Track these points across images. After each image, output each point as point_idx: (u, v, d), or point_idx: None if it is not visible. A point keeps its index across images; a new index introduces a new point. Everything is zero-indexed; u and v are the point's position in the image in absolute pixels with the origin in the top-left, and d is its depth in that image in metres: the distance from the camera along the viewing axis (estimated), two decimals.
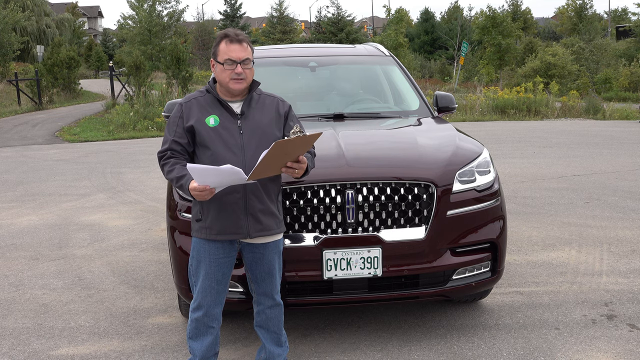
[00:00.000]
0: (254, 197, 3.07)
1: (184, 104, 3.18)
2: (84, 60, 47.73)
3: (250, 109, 3.16)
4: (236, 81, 3.08)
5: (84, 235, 6.58)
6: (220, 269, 3.16)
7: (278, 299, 3.31)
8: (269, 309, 3.30)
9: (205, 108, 3.14)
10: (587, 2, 52.70)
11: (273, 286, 3.27)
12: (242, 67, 3.07)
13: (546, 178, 9.24)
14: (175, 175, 3.04)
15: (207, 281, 3.16)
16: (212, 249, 3.13)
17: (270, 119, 3.17)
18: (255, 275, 3.24)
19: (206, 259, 3.14)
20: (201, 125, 3.09)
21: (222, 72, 3.09)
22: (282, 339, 3.40)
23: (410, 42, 46.73)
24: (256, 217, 3.09)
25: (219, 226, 3.08)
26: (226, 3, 50.49)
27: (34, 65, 33.69)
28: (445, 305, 4.45)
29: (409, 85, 5.32)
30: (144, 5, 41.68)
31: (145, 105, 19.30)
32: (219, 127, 3.09)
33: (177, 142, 3.12)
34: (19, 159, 12.61)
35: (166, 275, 5.20)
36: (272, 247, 3.21)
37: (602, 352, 3.72)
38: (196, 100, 3.18)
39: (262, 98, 3.23)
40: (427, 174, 3.65)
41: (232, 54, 3.07)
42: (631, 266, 5.24)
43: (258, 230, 3.11)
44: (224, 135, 3.08)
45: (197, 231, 3.16)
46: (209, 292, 3.17)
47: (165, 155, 3.14)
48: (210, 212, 3.09)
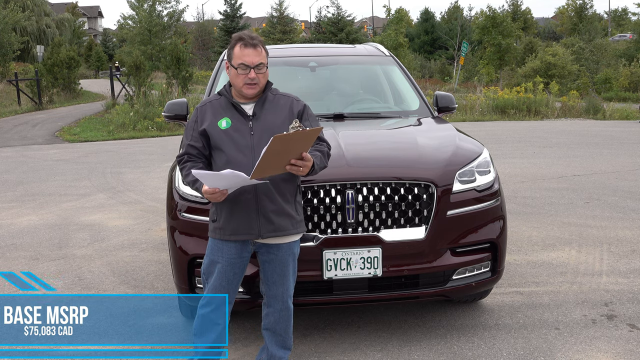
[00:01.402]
0: (265, 198, 3.07)
1: (199, 108, 3.21)
2: (84, 60, 47.70)
3: (263, 110, 3.16)
4: (249, 86, 3.09)
5: (84, 235, 6.58)
6: (232, 269, 3.17)
7: (289, 303, 3.29)
8: (278, 312, 3.28)
9: (219, 111, 3.16)
10: (587, 2, 52.73)
11: (285, 289, 3.24)
12: (256, 72, 3.07)
13: (546, 178, 9.24)
14: (191, 179, 3.09)
15: (218, 280, 3.18)
16: (226, 249, 3.15)
17: (284, 119, 3.15)
18: (267, 277, 3.23)
19: (219, 258, 3.16)
20: (214, 128, 3.11)
21: (236, 76, 3.10)
22: (288, 342, 3.37)
23: (410, 42, 46.73)
24: (268, 218, 3.09)
25: (232, 227, 3.10)
26: (226, 3, 50.42)
27: (34, 65, 33.68)
28: (445, 305, 4.45)
29: (409, 85, 5.31)
30: (144, 5, 41.67)
31: (145, 105, 19.29)
32: (231, 129, 3.11)
33: (192, 146, 3.16)
34: (19, 159, 12.61)
35: (166, 275, 5.20)
36: (286, 249, 3.19)
37: (602, 352, 3.72)
38: (210, 104, 3.20)
39: (277, 98, 3.22)
40: (427, 174, 3.65)
41: (246, 58, 3.06)
42: (631, 266, 5.24)
43: (270, 231, 3.10)
44: (235, 137, 3.09)
45: (212, 232, 3.19)
46: (219, 291, 3.18)
47: (182, 160, 3.18)
48: (223, 213, 3.12)
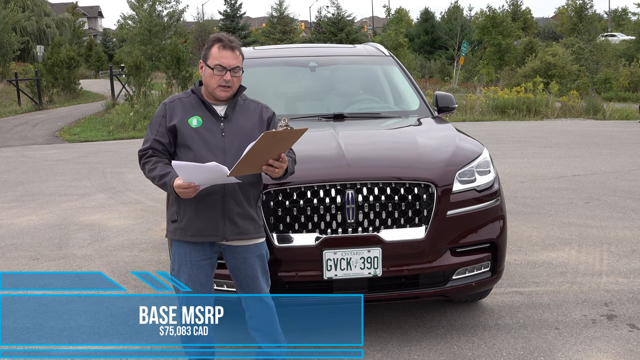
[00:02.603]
0: (232, 200, 3.05)
1: (167, 103, 3.16)
2: (84, 60, 47.68)
3: (234, 112, 3.14)
4: (223, 88, 3.06)
5: (84, 235, 6.58)
6: (203, 271, 3.12)
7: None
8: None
9: (189, 109, 3.12)
10: (587, 2, 52.70)
11: (259, 289, 3.20)
12: (232, 75, 3.05)
13: (546, 178, 9.24)
14: (158, 173, 3.02)
15: (190, 285, 3.11)
16: (193, 252, 3.09)
17: (254, 124, 3.14)
18: (239, 281, 3.19)
19: (187, 262, 3.10)
20: (184, 126, 3.08)
21: (210, 77, 3.07)
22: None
23: (410, 42, 46.68)
24: (233, 220, 3.06)
25: (195, 228, 3.05)
26: (226, 3, 50.41)
27: (34, 65, 33.67)
28: (445, 305, 4.45)
29: (409, 85, 5.31)
30: (144, 5, 41.66)
31: (145, 105, 19.30)
32: (202, 128, 3.07)
33: (158, 142, 3.10)
34: (19, 159, 12.61)
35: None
36: (254, 250, 3.15)
37: (602, 352, 3.72)
38: (180, 101, 3.15)
39: (246, 103, 3.20)
40: (427, 174, 3.65)
41: (224, 60, 3.04)
42: (631, 266, 5.24)
43: (235, 234, 3.07)
44: (206, 137, 3.06)
45: (172, 232, 3.12)
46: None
47: (146, 154, 3.12)
48: (186, 214, 3.06)
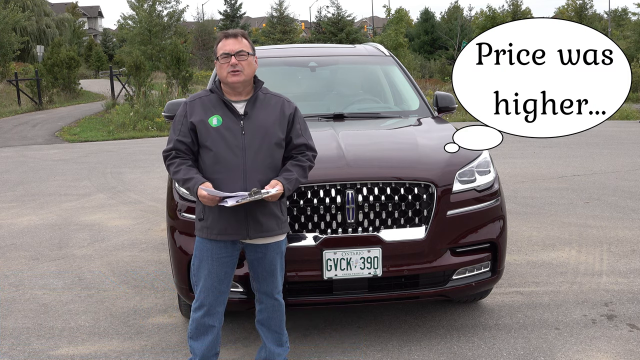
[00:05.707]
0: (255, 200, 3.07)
1: (188, 102, 3.18)
2: (84, 60, 47.71)
3: (255, 109, 3.15)
4: (233, 74, 3.07)
5: (84, 235, 6.58)
6: (223, 268, 3.16)
7: (279, 298, 3.33)
8: (270, 307, 3.32)
9: (209, 108, 3.13)
10: (587, 2, 52.74)
11: (274, 286, 3.27)
12: (238, 59, 3.06)
13: (546, 178, 9.24)
14: (181, 177, 3.06)
15: (209, 280, 3.16)
16: (215, 248, 3.14)
17: (275, 119, 3.15)
18: (257, 275, 3.25)
19: (208, 258, 3.15)
20: (204, 125, 3.09)
21: (220, 68, 3.11)
22: (283, 338, 3.41)
23: (410, 42, 46.69)
24: (256, 219, 3.09)
25: (220, 227, 3.09)
26: (226, 3, 50.49)
27: (34, 65, 33.70)
28: (445, 305, 4.45)
29: (409, 85, 5.31)
30: (144, 5, 41.69)
31: (145, 105, 19.31)
32: (222, 127, 3.09)
33: (181, 142, 3.11)
34: (19, 159, 12.61)
35: (166, 275, 5.20)
36: (274, 248, 3.21)
37: (602, 352, 3.72)
38: (200, 100, 3.17)
39: (267, 98, 3.21)
40: (427, 174, 3.65)
41: (227, 47, 3.09)
42: (631, 266, 5.24)
43: (258, 232, 3.11)
44: (226, 136, 3.07)
45: (199, 230, 3.17)
46: (211, 292, 3.18)
47: (170, 155, 3.14)
48: (211, 213, 3.10)
